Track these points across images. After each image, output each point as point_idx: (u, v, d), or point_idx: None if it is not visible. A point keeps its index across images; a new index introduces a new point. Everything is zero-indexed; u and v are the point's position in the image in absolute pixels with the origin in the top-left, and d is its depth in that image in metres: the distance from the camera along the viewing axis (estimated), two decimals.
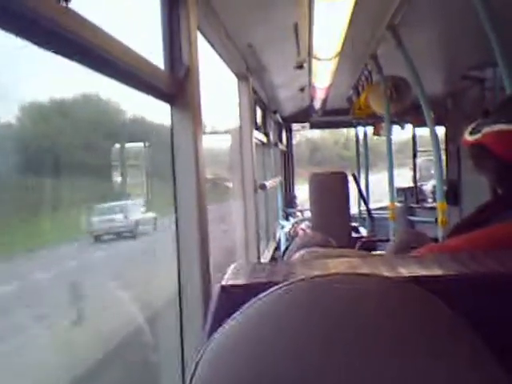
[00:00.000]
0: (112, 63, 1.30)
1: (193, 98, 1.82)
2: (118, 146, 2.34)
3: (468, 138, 1.14)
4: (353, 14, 2.71)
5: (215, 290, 0.76)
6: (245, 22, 2.87)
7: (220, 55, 3.10)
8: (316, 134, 22.03)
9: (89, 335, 2.39)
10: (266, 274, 0.78)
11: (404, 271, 0.76)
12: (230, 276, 0.79)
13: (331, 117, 7.37)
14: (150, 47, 1.78)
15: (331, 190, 4.28)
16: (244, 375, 0.62)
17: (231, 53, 3.14)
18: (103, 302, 2.72)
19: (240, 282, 0.76)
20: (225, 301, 0.74)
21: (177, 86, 1.77)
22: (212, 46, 2.81)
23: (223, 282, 0.76)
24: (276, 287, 0.67)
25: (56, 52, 1.10)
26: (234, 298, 0.71)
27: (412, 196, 7.67)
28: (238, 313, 0.66)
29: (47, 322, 2.24)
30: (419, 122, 6.74)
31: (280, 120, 7.11)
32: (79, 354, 2.26)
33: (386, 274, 0.75)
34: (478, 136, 1.09)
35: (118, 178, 2.24)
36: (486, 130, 1.07)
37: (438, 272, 0.76)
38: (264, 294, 0.67)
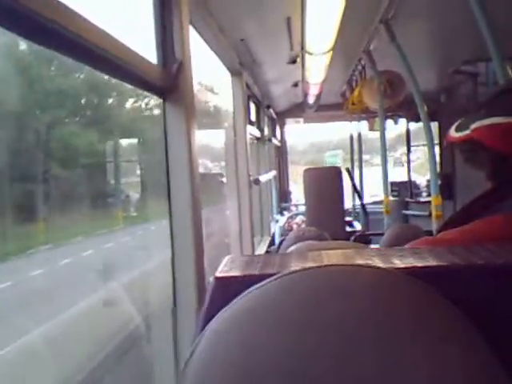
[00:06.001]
0: (104, 58, 1.29)
1: (186, 92, 1.82)
2: None
3: (455, 134, 1.14)
4: (346, 8, 2.71)
5: (210, 281, 0.76)
6: (237, 16, 2.86)
7: (213, 50, 3.09)
8: None
9: None
10: (260, 266, 0.78)
11: (399, 262, 0.76)
12: (225, 268, 0.79)
13: (325, 112, 7.37)
14: (143, 42, 1.77)
15: (325, 184, 4.29)
16: (237, 366, 0.62)
17: (224, 47, 3.14)
18: None
19: (234, 273, 0.76)
20: (219, 292, 0.74)
21: (170, 81, 1.77)
22: (205, 40, 2.80)
23: (217, 274, 0.76)
24: (270, 279, 0.67)
25: (48, 46, 1.10)
26: (228, 289, 0.71)
27: (406, 190, 7.67)
28: (231, 304, 0.67)
29: None
30: (413, 117, 6.76)
31: (274, 115, 7.10)
32: None
33: (381, 265, 0.75)
34: (467, 131, 1.09)
35: None
36: (476, 124, 1.07)
37: (433, 263, 0.76)
38: (258, 285, 0.67)
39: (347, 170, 5.99)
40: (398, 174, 8.27)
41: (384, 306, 0.64)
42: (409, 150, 7.81)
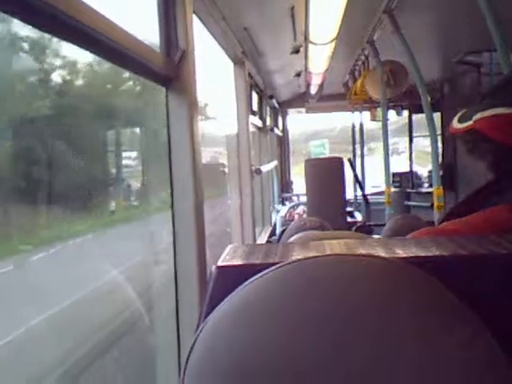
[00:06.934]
0: (108, 45, 1.29)
1: (189, 81, 1.82)
2: None
3: (458, 125, 1.14)
4: None
5: (212, 270, 0.76)
6: (241, 5, 2.85)
7: (216, 39, 3.08)
8: None
9: None
10: (262, 255, 0.78)
11: (401, 252, 0.76)
12: (227, 257, 0.79)
13: (327, 102, 7.35)
14: (147, 30, 1.77)
15: (327, 174, 4.28)
16: (239, 355, 0.62)
17: (227, 37, 3.12)
18: None
19: (236, 262, 0.76)
20: (221, 282, 0.74)
21: (173, 70, 1.76)
22: (208, 29, 2.79)
23: (219, 263, 0.76)
24: (272, 268, 0.67)
25: (52, 34, 1.09)
26: (230, 278, 0.71)
27: (408, 181, 7.66)
28: (233, 293, 0.67)
29: None
30: (415, 108, 6.75)
31: (276, 105, 7.08)
32: None
33: (384, 255, 0.75)
34: (469, 122, 1.09)
35: None
36: (479, 115, 1.06)
37: (435, 253, 0.76)
38: (260, 274, 0.67)
39: (349, 160, 5.98)
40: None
41: (387, 296, 0.64)
42: (411, 141, 7.79)
